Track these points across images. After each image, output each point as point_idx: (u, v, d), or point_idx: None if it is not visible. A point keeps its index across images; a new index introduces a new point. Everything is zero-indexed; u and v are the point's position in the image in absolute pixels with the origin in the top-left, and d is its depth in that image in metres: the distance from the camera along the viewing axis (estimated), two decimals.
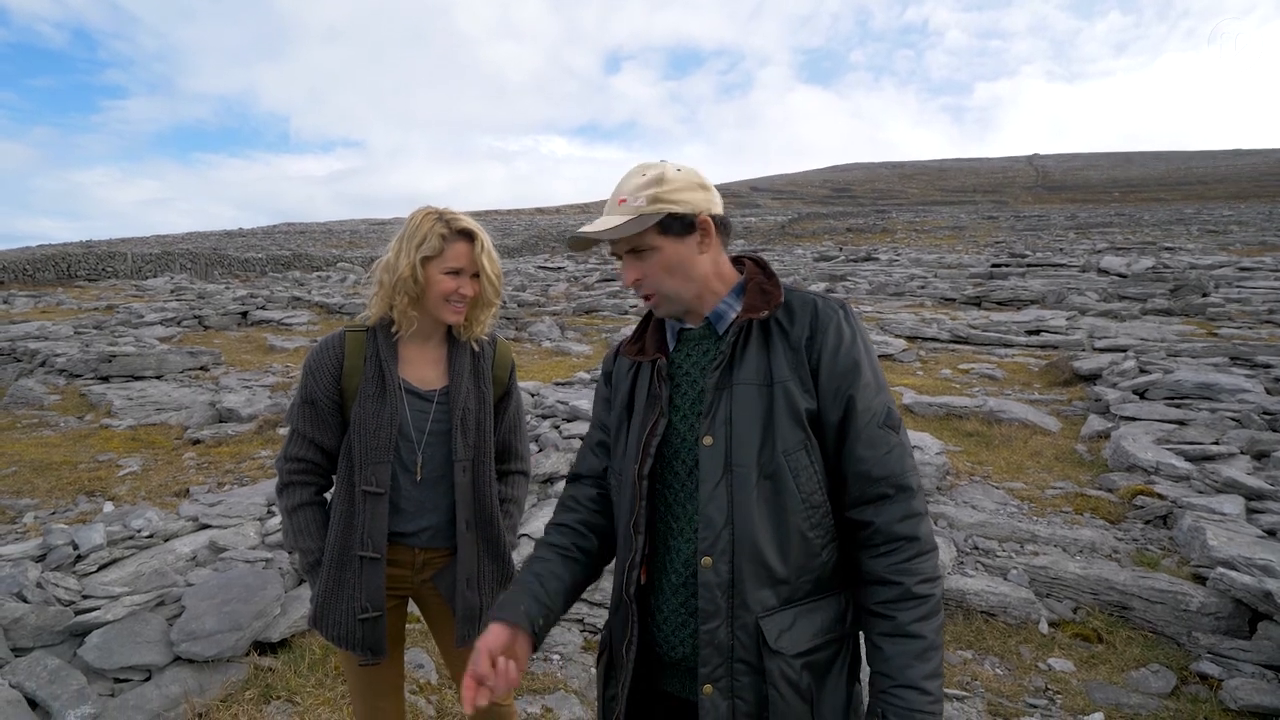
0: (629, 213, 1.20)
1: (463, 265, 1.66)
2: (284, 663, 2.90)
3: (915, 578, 1.13)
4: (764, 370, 1.19)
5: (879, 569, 1.15)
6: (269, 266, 31.22)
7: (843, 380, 1.17)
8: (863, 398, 1.17)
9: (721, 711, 1.15)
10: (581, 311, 16.37)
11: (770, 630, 1.14)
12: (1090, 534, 4.09)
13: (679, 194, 1.20)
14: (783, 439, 1.16)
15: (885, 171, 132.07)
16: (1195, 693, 2.82)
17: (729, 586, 1.15)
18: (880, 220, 52.37)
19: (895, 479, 1.16)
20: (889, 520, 1.15)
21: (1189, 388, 6.82)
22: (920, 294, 17.52)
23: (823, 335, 1.19)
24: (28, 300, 18.99)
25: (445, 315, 1.69)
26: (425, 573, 1.75)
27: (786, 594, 1.16)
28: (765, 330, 1.21)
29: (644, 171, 1.23)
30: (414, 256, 1.63)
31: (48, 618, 2.74)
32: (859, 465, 1.16)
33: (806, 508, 1.16)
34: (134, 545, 3.48)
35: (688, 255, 1.22)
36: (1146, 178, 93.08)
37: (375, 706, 1.80)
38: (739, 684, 1.15)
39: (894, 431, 1.18)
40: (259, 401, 7.93)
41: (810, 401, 1.17)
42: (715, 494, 1.17)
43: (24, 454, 6.30)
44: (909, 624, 1.12)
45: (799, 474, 1.16)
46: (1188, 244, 27.31)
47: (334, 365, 1.69)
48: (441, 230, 1.64)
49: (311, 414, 1.70)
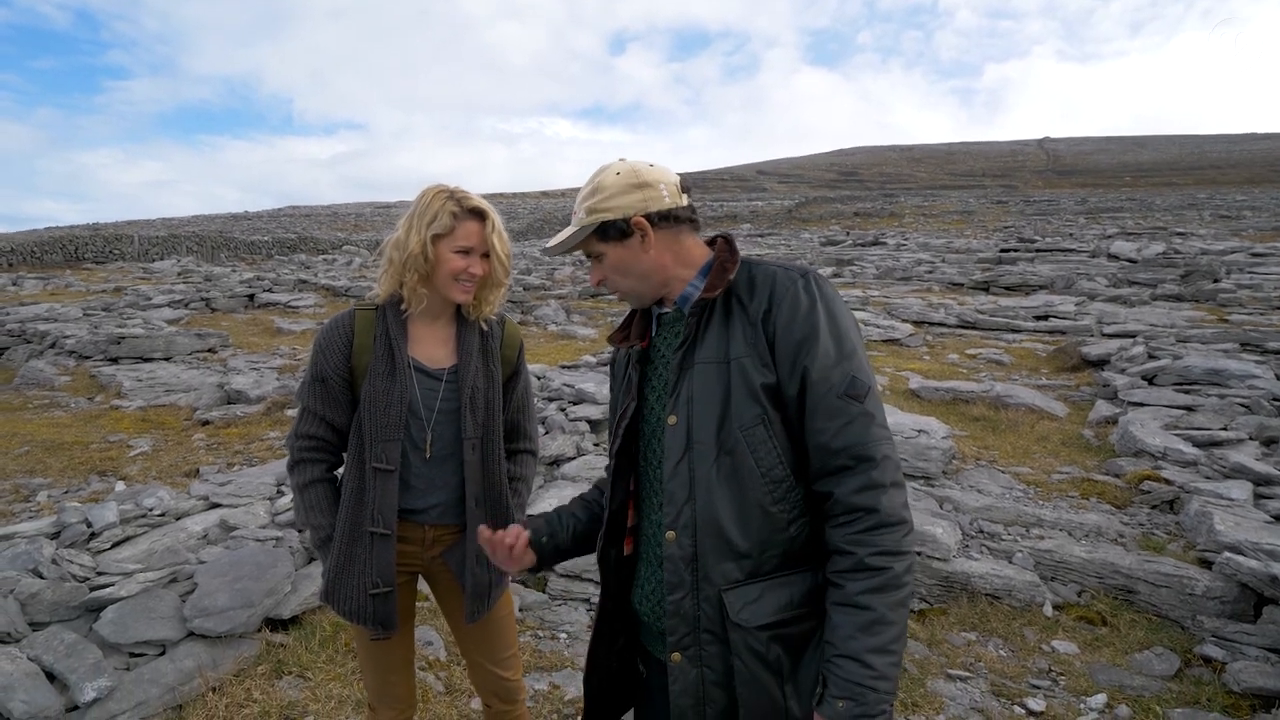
0: (575, 225, 1.29)
1: (473, 244, 1.66)
2: (295, 639, 2.94)
3: (869, 549, 1.11)
4: (723, 348, 1.21)
5: (836, 539, 1.14)
6: (275, 249, 31.25)
7: (797, 351, 1.16)
8: (818, 368, 1.15)
9: (690, 679, 1.21)
10: (587, 295, 16.35)
11: (733, 603, 1.17)
12: (1096, 518, 4.09)
13: (610, 201, 1.25)
14: (739, 414, 1.17)
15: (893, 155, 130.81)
16: (1199, 675, 2.83)
17: (692, 560, 1.19)
18: (888, 204, 51.97)
19: (854, 450, 1.13)
20: (847, 491, 1.13)
21: (1198, 374, 6.78)
22: (928, 279, 17.42)
23: (778, 307, 1.18)
24: (36, 282, 19.09)
25: (454, 294, 1.69)
26: (435, 549, 1.77)
27: (750, 568, 1.18)
28: (727, 307, 1.23)
29: (593, 179, 1.29)
30: (424, 234, 1.62)
31: (63, 593, 2.78)
32: (818, 437, 1.15)
33: (767, 482, 1.17)
34: (146, 523, 3.52)
35: (631, 257, 1.27)
36: (1159, 162, 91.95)
37: (386, 681, 1.83)
38: (706, 653, 1.19)
39: (856, 401, 1.15)
40: (267, 383, 7.97)
41: (768, 375, 1.17)
42: (677, 471, 1.21)
43: (36, 434, 6.37)
44: (857, 594, 1.11)
45: (756, 449, 1.17)
46: (1199, 229, 27.04)
47: (344, 343, 1.70)
48: (453, 208, 1.64)
49: (322, 391, 1.71)
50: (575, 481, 4.52)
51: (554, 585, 3.58)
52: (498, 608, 1.84)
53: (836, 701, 1.10)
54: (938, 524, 3.76)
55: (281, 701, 2.58)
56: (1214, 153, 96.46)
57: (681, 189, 1.29)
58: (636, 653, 1.42)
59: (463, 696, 2.72)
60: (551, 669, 2.94)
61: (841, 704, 1.09)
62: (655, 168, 1.28)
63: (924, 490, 4.50)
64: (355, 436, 1.70)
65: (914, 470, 4.75)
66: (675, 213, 1.28)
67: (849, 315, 1.22)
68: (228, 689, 2.61)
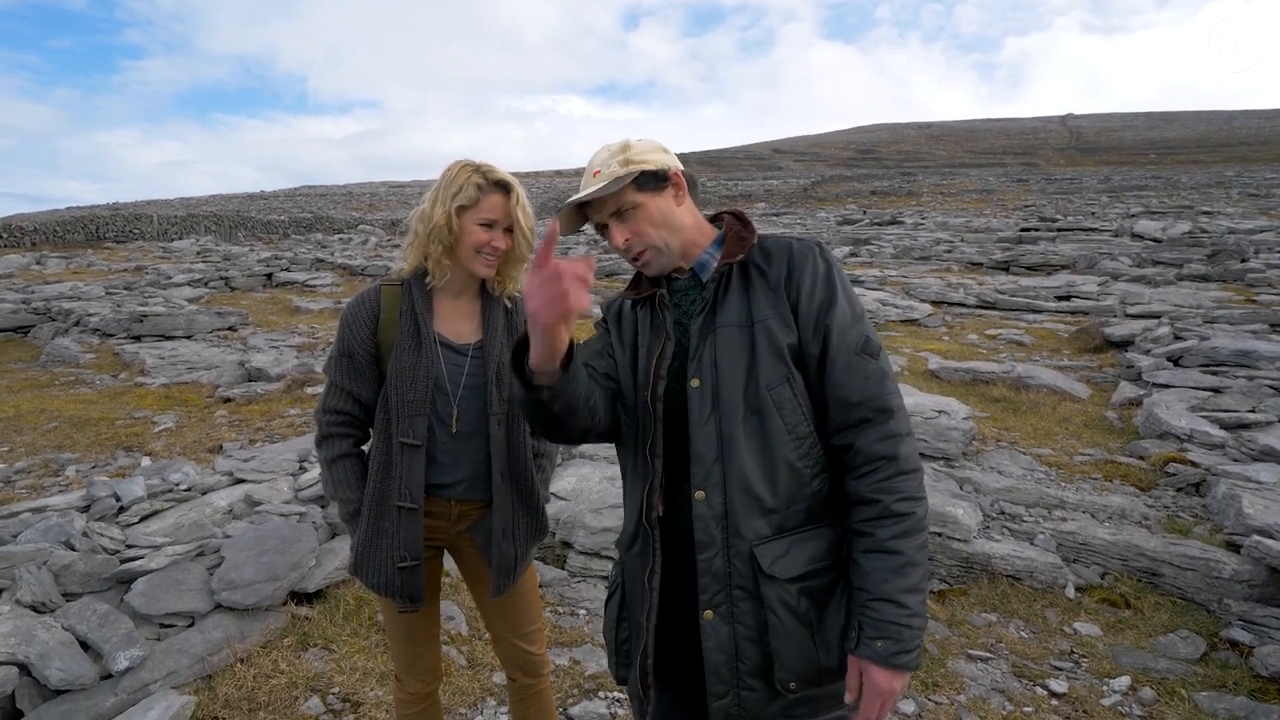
0: (604, 179, 1.27)
1: (497, 217, 1.66)
2: (320, 612, 2.98)
3: (894, 495, 1.17)
4: (745, 311, 1.25)
5: (860, 489, 1.19)
6: (291, 229, 31.42)
7: (820, 312, 1.22)
8: (839, 327, 1.22)
9: (722, 636, 1.22)
10: (601, 275, 16.31)
11: (764, 557, 1.20)
12: (1120, 500, 4.04)
13: (646, 155, 1.28)
14: (765, 374, 1.21)
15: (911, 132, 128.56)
16: (1225, 659, 2.80)
17: (723, 517, 1.21)
18: (906, 183, 51.19)
19: (874, 402, 1.20)
20: (868, 441, 1.19)
21: (1225, 355, 6.65)
22: (946, 258, 17.19)
23: (799, 272, 1.25)
24: (59, 261, 19.33)
25: (476, 268, 1.68)
26: (461, 524, 1.77)
27: (778, 523, 1.22)
28: (745, 275, 1.28)
29: (608, 148, 1.32)
30: (449, 206, 1.62)
31: (95, 565, 2.84)
32: (838, 391, 1.21)
33: (793, 439, 1.21)
34: (173, 498, 3.58)
35: (668, 207, 1.30)
36: (1185, 139, 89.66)
37: (414, 653, 1.85)
38: (738, 609, 1.22)
39: (872, 358, 1.22)
40: (286, 361, 8.05)
41: (792, 336, 1.23)
42: (704, 431, 1.23)
43: (63, 410, 6.48)
44: (886, 540, 1.16)
45: (783, 406, 1.21)
46: (1227, 208, 26.39)
47: (370, 318, 1.70)
48: (478, 181, 1.64)
49: (349, 366, 1.72)
50: (593, 460, 4.53)
51: (573, 562, 3.60)
52: (522, 582, 1.85)
53: (875, 642, 1.15)
54: (958, 505, 3.73)
55: (308, 673, 2.63)
56: (1243, 129, 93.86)
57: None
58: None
59: (485, 670, 2.76)
60: (572, 644, 2.96)
61: (880, 644, 1.14)
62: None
63: (944, 471, 4.46)
64: (382, 411, 1.70)
65: (934, 451, 4.71)
66: (695, 180, 1.34)
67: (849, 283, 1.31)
68: (255, 660, 2.66)
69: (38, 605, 2.63)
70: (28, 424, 6.11)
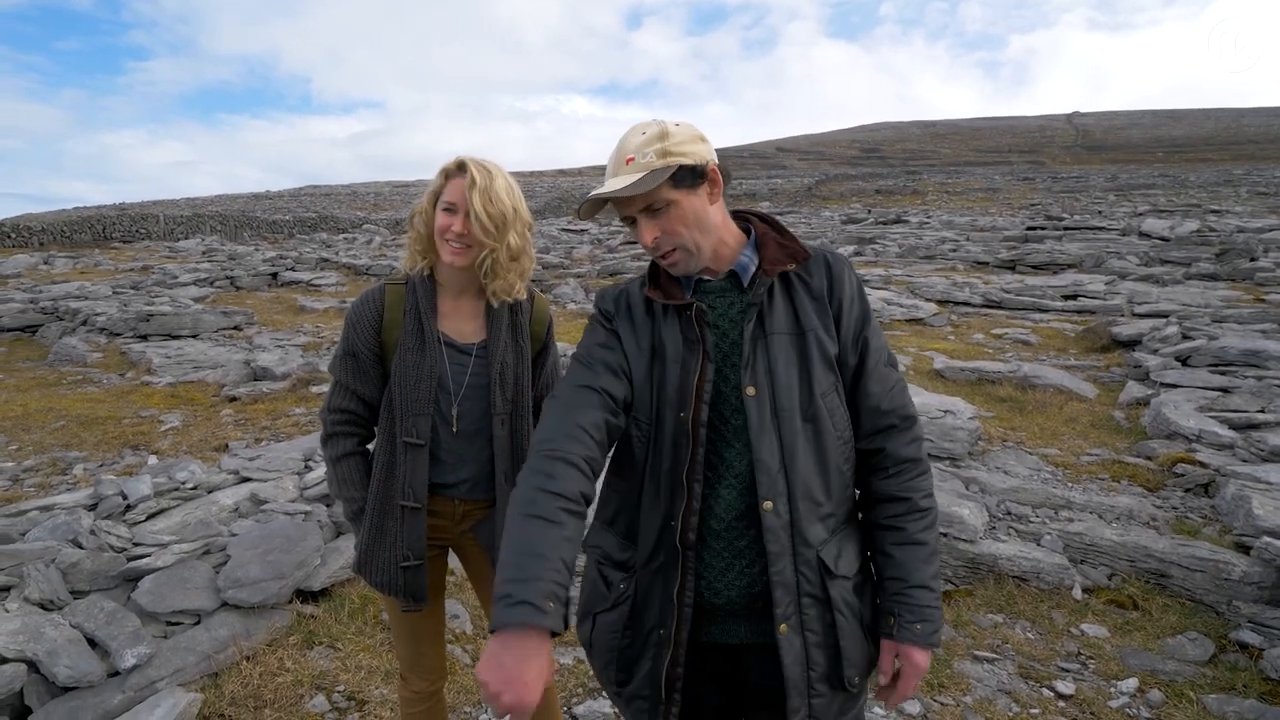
0: (639, 169, 1.18)
1: (455, 200, 1.60)
2: (325, 610, 2.99)
3: (920, 493, 1.28)
4: (793, 320, 1.27)
5: (889, 488, 1.28)
6: (296, 228, 31.51)
7: (861, 325, 1.29)
8: (874, 340, 1.30)
9: (797, 647, 1.22)
10: (606, 274, 16.30)
11: (828, 559, 1.25)
12: (1128, 501, 4.02)
13: (685, 146, 1.20)
14: (819, 383, 1.24)
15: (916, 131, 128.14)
16: (1234, 661, 2.78)
17: (790, 526, 1.22)
18: (911, 182, 51.04)
19: (901, 410, 1.30)
20: (897, 446, 1.28)
21: (1234, 354, 6.61)
22: (952, 257, 17.12)
23: (839, 285, 1.29)
24: (67, 261, 19.43)
25: (444, 255, 1.64)
26: (465, 524, 1.77)
27: (833, 525, 1.27)
28: (786, 283, 1.29)
29: (643, 130, 1.22)
30: (429, 195, 1.66)
31: (102, 563, 2.85)
32: (870, 400, 1.28)
33: (841, 443, 1.26)
34: (179, 496, 3.59)
35: (702, 206, 1.24)
36: (1193, 136, 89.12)
37: (418, 652, 1.85)
38: (807, 617, 1.23)
39: (894, 369, 1.32)
40: (292, 360, 8.07)
41: (835, 346, 1.27)
42: (766, 440, 1.22)
43: (71, 409, 6.51)
44: (917, 533, 1.27)
45: (834, 414, 1.25)
46: (1235, 206, 26.23)
47: (374, 317, 1.70)
48: (447, 167, 1.64)
49: (353, 365, 1.72)
50: None
51: (577, 562, 3.60)
52: None
53: (914, 625, 1.23)
54: (964, 505, 3.71)
55: (313, 671, 2.63)
56: (1252, 127, 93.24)
57: None
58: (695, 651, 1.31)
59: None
60: (576, 644, 2.96)
61: (919, 626, 1.23)
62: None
63: (950, 471, 4.44)
64: (386, 411, 1.70)
65: (940, 451, 4.70)
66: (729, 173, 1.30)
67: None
68: (261, 658, 2.66)
69: (46, 603, 2.64)
70: (36, 423, 6.14)
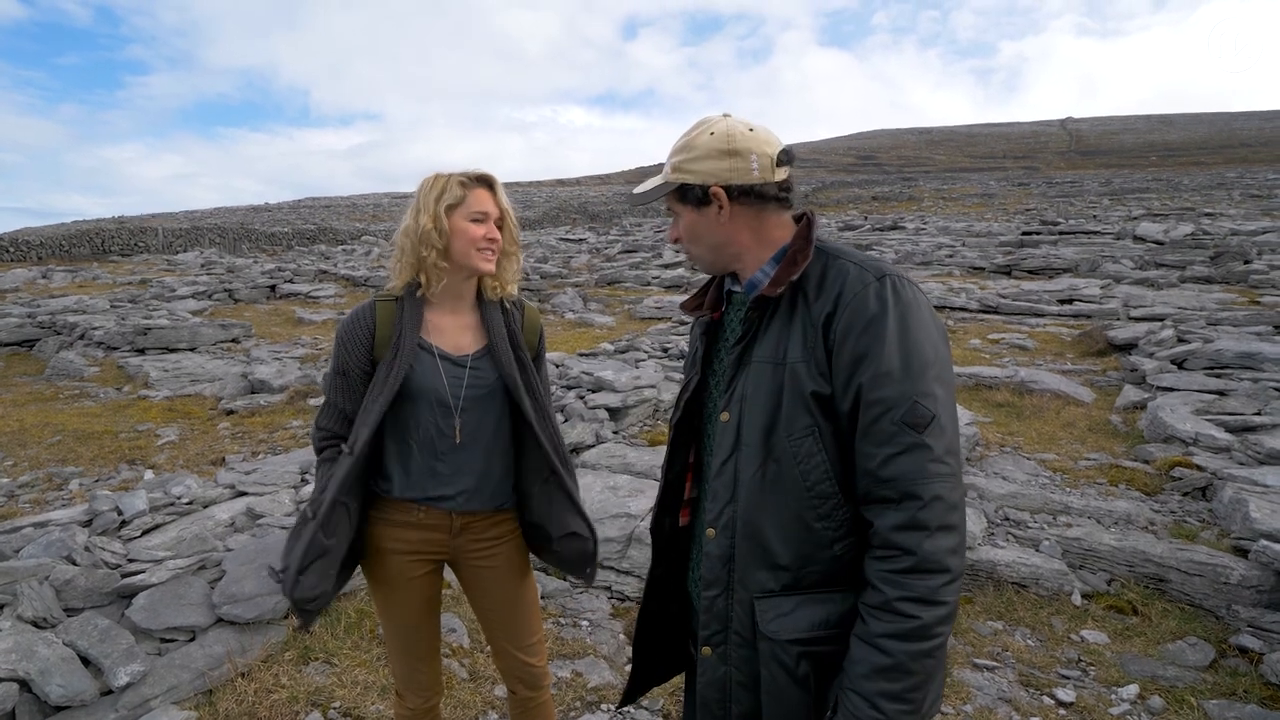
0: (661, 178, 1.23)
1: (487, 209, 1.67)
2: (321, 626, 2.97)
3: (899, 592, 1.03)
4: (780, 348, 1.13)
5: (870, 571, 1.08)
6: (295, 240, 31.54)
7: (855, 365, 1.05)
8: (875, 386, 1.04)
9: (718, 674, 1.21)
10: (604, 283, 16.32)
11: (764, 612, 1.13)
12: (1126, 506, 4.01)
13: (695, 164, 1.17)
14: (788, 423, 1.10)
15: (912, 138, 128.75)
16: (1234, 666, 2.77)
17: (729, 560, 1.17)
18: (906, 188, 51.26)
19: (901, 484, 1.03)
20: (887, 525, 1.05)
21: (1230, 357, 6.62)
22: (948, 263, 17.15)
23: (843, 310, 1.07)
24: (65, 275, 19.41)
25: (478, 263, 1.67)
26: (463, 537, 1.76)
27: (788, 580, 1.13)
28: (794, 301, 1.14)
29: (689, 133, 1.21)
30: (436, 209, 1.63)
31: (96, 580, 2.83)
32: (866, 462, 1.06)
33: (811, 497, 1.10)
34: (175, 511, 3.57)
35: (705, 225, 1.21)
36: (1186, 141, 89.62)
37: (414, 668, 1.83)
38: (735, 654, 1.18)
39: (914, 430, 1.03)
40: (289, 373, 8.06)
41: (823, 385, 1.08)
42: (723, 469, 1.18)
43: (67, 424, 6.49)
44: (877, 636, 1.04)
45: (803, 460, 1.09)
46: (1229, 209, 26.33)
47: (366, 336, 1.68)
48: (460, 179, 1.66)
49: (343, 384, 1.71)
50: (595, 469, 4.52)
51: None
52: (524, 592, 1.85)
53: None
54: None
55: (309, 687, 2.61)
56: (1244, 130, 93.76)
57: (778, 162, 1.18)
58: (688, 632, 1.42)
59: (486, 683, 2.74)
60: (574, 656, 2.94)
61: None
62: (754, 133, 1.17)
63: None
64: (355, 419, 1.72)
65: None
66: (760, 189, 1.17)
67: (930, 329, 1.08)
68: (256, 674, 2.65)
69: (39, 621, 2.62)
70: (32, 438, 6.12)
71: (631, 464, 4.53)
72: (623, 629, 3.18)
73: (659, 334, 9.32)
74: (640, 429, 5.76)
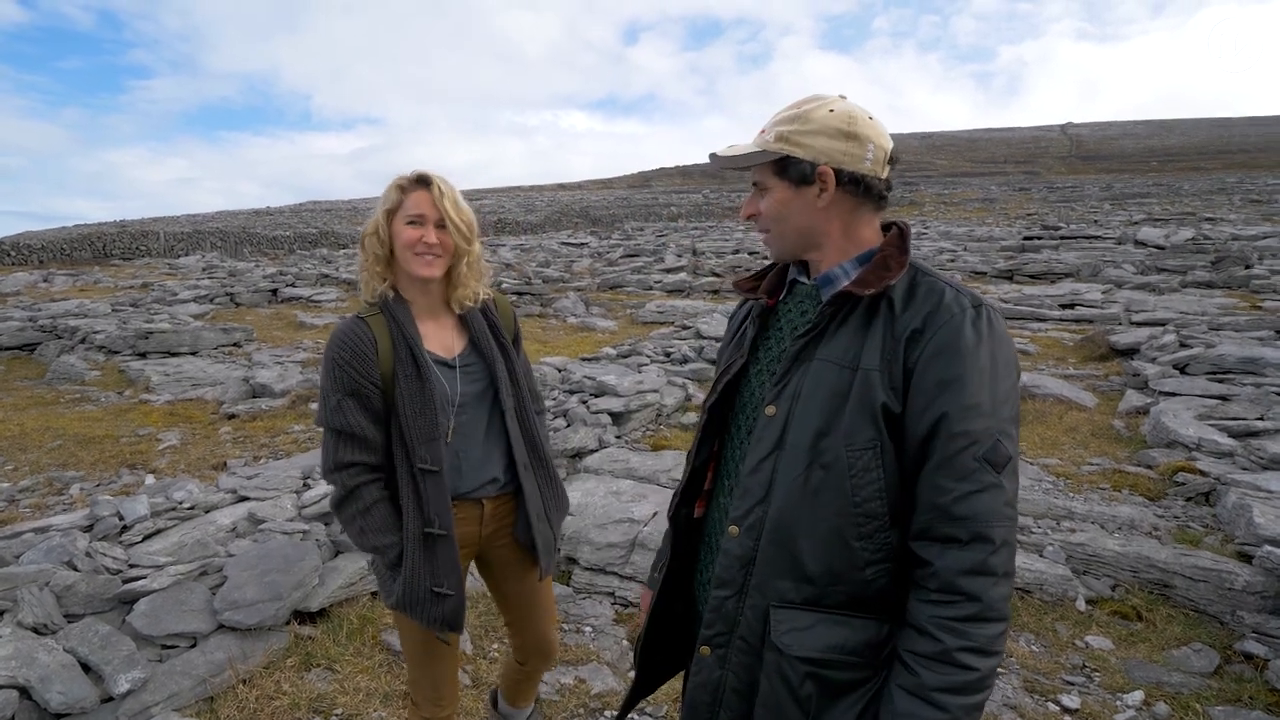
0: (758, 144, 1.12)
1: (423, 211, 1.62)
2: (323, 632, 2.96)
3: (961, 641, 0.96)
4: (854, 352, 1.05)
5: (922, 616, 1.00)
6: (297, 244, 31.60)
7: (939, 390, 0.99)
8: (959, 417, 0.98)
9: (712, 676, 1.16)
10: (606, 287, 16.33)
11: (780, 623, 1.08)
12: (1129, 511, 4.00)
13: (808, 137, 1.08)
14: (850, 431, 1.03)
15: (913, 143, 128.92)
16: (1239, 672, 2.76)
17: (749, 563, 1.11)
18: (907, 192, 51.31)
19: (976, 524, 0.97)
20: (952, 568, 0.98)
21: (1232, 362, 6.61)
22: (950, 267, 17.16)
23: (933, 330, 1.01)
24: (66, 279, 19.45)
25: (417, 268, 1.64)
26: (490, 525, 1.81)
27: (810, 594, 1.07)
28: (873, 309, 1.07)
29: (801, 105, 1.12)
30: (380, 215, 1.64)
31: (97, 585, 2.83)
32: (936, 495, 0.99)
33: (858, 514, 1.03)
34: (176, 516, 3.56)
35: (799, 205, 1.12)
36: (1186, 146, 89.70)
37: (437, 679, 1.84)
38: (736, 659, 1.13)
39: (993, 470, 0.98)
40: (291, 377, 8.05)
41: (895, 402, 1.02)
42: (760, 467, 1.10)
43: (68, 428, 6.49)
44: (932, 690, 0.96)
45: (858, 474, 1.03)
46: (1230, 214, 26.35)
47: (370, 350, 1.65)
48: (399, 183, 1.64)
49: (356, 406, 1.63)
50: (598, 474, 4.51)
51: (578, 579, 3.58)
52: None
53: None
54: None
55: (310, 694, 2.60)
56: (1244, 135, 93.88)
57: (890, 159, 1.12)
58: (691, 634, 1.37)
59: (488, 690, 2.73)
60: (577, 663, 2.93)
61: None
62: (873, 122, 1.10)
63: None
64: (399, 444, 1.67)
65: None
66: (869, 181, 1.10)
67: (1013, 369, 1.04)
68: (257, 681, 2.64)
69: (39, 627, 2.61)
70: (33, 442, 6.11)
71: (634, 469, 4.52)
72: (626, 635, 3.16)
73: (661, 338, 9.32)
74: (643, 434, 5.75)
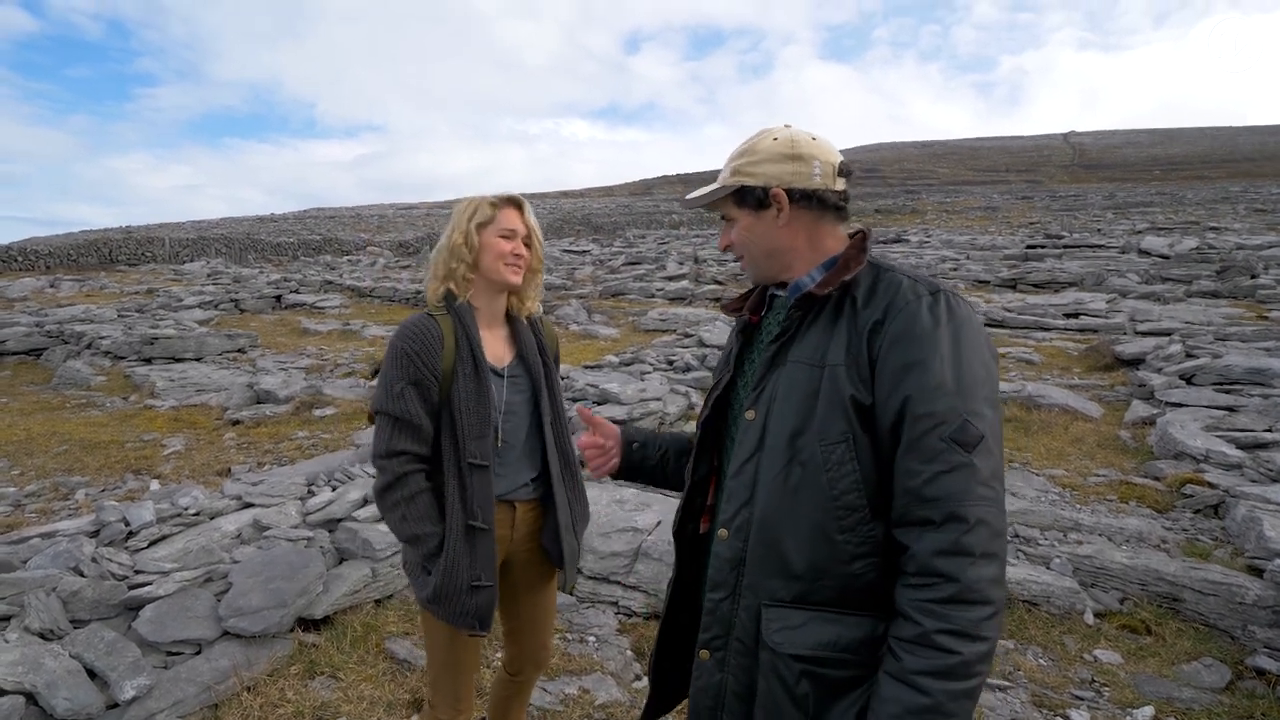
0: (718, 182, 1.24)
1: (515, 227, 1.80)
2: (327, 639, 2.95)
3: (940, 624, 0.96)
4: (821, 350, 1.10)
5: (904, 601, 1.01)
6: (301, 251, 31.71)
7: (902, 375, 1.02)
8: (923, 399, 1.00)
9: (713, 681, 1.18)
10: (608, 295, 16.35)
11: (771, 621, 1.10)
12: (1137, 523, 3.98)
13: (757, 166, 1.18)
14: (822, 427, 1.07)
15: (915, 151, 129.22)
16: (1251, 688, 2.73)
17: (739, 564, 1.15)
18: (910, 201, 51.38)
19: (946, 504, 0.98)
20: (927, 550, 0.98)
21: (1239, 373, 6.59)
22: (952, 276, 17.15)
23: (892, 320, 1.05)
24: (73, 284, 19.53)
25: (507, 276, 1.79)
26: (520, 530, 1.86)
27: (800, 591, 1.09)
28: (839, 308, 1.12)
29: (749, 141, 1.22)
30: (467, 226, 1.78)
31: (103, 591, 2.82)
32: (908, 479, 1.01)
33: (837, 508, 1.06)
34: (181, 523, 3.57)
35: (763, 228, 1.21)
36: (1190, 155, 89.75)
37: (458, 683, 1.85)
38: (734, 661, 1.16)
39: (963, 449, 0.99)
40: (295, 383, 8.07)
41: (864, 393, 1.05)
42: (743, 469, 1.16)
43: (74, 433, 6.50)
44: (913, 673, 0.97)
45: (834, 468, 1.05)
46: (1234, 224, 26.32)
47: (437, 345, 1.74)
48: (491, 200, 1.82)
49: (416, 395, 1.71)
50: (602, 483, 4.49)
51: (582, 587, 3.56)
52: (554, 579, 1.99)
53: None
54: None
55: (315, 702, 2.59)
56: (1247, 145, 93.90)
57: (839, 172, 1.19)
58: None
59: (482, 697, 2.71)
60: (581, 673, 2.92)
61: None
62: (816, 142, 1.18)
63: None
64: (449, 438, 1.74)
65: None
66: (821, 195, 1.17)
67: (983, 348, 1.05)
68: (262, 689, 2.63)
69: (46, 632, 2.61)
70: (39, 447, 6.13)
71: None
72: (630, 645, 3.15)
73: (664, 346, 9.32)
74: None
